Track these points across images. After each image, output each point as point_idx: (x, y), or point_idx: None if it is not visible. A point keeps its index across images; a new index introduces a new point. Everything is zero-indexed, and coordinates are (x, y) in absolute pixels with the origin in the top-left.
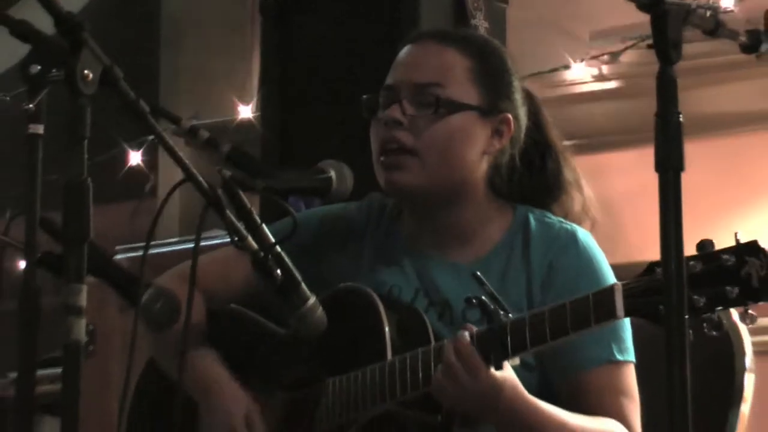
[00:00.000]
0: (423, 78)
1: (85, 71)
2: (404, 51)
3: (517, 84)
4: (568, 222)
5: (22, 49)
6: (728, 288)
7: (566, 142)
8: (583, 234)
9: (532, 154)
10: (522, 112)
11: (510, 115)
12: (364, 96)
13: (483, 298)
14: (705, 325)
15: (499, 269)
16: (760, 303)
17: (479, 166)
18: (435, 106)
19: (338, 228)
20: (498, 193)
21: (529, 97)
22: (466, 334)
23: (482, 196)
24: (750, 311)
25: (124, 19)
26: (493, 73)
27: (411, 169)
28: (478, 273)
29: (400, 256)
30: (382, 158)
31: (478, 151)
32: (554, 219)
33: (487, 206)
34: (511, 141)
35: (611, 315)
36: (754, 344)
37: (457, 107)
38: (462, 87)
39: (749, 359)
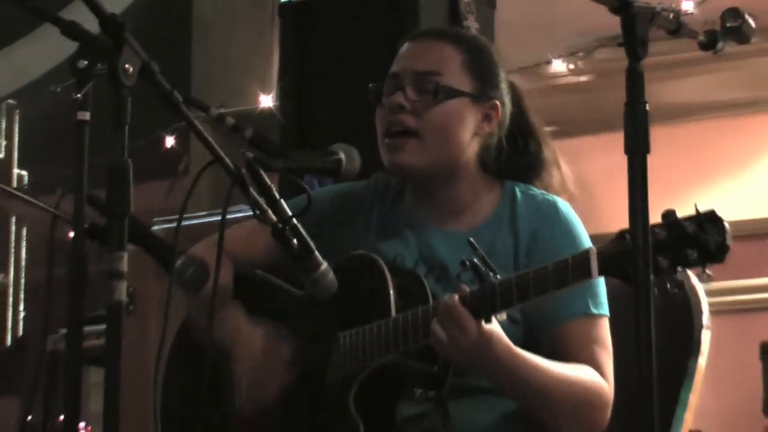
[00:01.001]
0: (424, 67)
1: (126, 66)
2: (405, 45)
3: (503, 75)
4: (549, 194)
5: (71, 47)
6: (689, 251)
7: (547, 128)
8: (563, 204)
9: (516, 137)
10: (507, 100)
11: (498, 102)
12: (371, 84)
13: (475, 260)
14: (668, 283)
15: (489, 236)
16: (716, 265)
17: (471, 146)
18: (435, 92)
19: (349, 204)
20: (488, 170)
21: (512, 87)
22: (457, 295)
23: (474, 173)
24: (707, 271)
25: (160, 20)
26: (483, 66)
27: (412, 149)
28: (472, 239)
29: (402, 228)
30: (386, 140)
31: (470, 132)
32: (537, 192)
33: (478, 182)
34: (499, 125)
35: (587, 275)
36: (710, 305)
37: (453, 93)
38: (457, 76)
39: (706, 318)
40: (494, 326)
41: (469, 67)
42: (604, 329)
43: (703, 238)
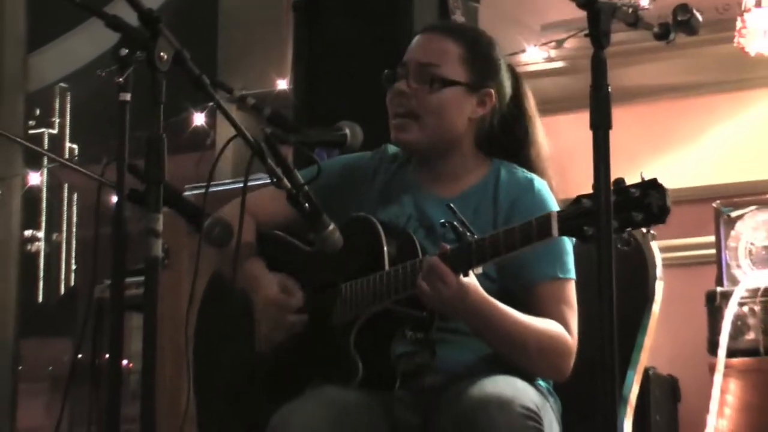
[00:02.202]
0: (425, 59)
1: (161, 53)
2: (416, 38)
3: (502, 65)
4: (529, 172)
5: (114, 37)
6: (634, 213)
7: None
8: (539, 181)
9: (507, 117)
10: (507, 86)
11: (492, 90)
12: (385, 71)
13: (455, 223)
14: (618, 242)
15: (474, 203)
16: (661, 225)
17: (465, 127)
18: (431, 81)
19: (357, 171)
20: (481, 148)
21: (513, 73)
22: (438, 253)
23: (468, 149)
24: (651, 231)
25: (190, 15)
26: (480, 58)
27: (412, 129)
28: (452, 205)
29: (402, 191)
30: (393, 121)
31: (465, 116)
32: (519, 170)
33: (471, 157)
34: (493, 109)
35: (548, 234)
36: (663, 259)
37: (447, 83)
38: (453, 68)
39: (659, 270)
40: (471, 279)
41: (467, 60)
42: (571, 290)
43: (647, 202)
